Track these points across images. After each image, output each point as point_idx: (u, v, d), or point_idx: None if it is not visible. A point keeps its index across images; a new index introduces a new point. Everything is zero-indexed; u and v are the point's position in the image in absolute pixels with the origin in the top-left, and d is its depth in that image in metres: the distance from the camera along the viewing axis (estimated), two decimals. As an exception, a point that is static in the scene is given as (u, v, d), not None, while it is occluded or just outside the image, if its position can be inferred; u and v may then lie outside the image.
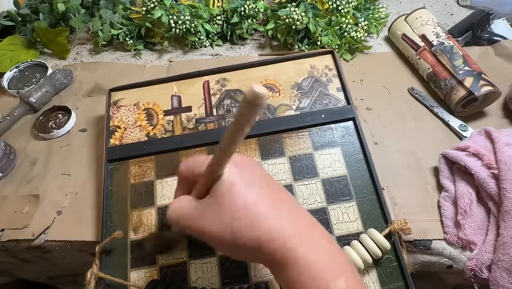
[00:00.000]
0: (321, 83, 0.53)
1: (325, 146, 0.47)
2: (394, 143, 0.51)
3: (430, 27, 0.58)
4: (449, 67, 0.53)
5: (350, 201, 0.44)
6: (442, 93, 0.54)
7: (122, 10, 0.69)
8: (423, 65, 0.57)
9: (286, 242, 0.27)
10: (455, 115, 0.53)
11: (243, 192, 0.28)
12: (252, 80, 0.54)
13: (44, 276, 0.61)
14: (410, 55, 0.60)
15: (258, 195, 0.28)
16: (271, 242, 0.27)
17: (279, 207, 0.29)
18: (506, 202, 0.39)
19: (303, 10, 0.61)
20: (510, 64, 0.59)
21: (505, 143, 0.44)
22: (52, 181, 0.52)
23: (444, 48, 0.55)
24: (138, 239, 0.43)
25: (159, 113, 0.52)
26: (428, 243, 0.43)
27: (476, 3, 0.70)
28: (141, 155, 0.49)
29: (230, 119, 0.51)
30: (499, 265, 0.39)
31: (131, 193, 0.46)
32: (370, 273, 0.40)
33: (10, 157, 0.53)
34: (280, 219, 0.28)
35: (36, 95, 0.60)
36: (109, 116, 0.52)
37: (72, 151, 0.55)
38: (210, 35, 0.68)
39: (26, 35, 0.70)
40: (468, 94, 0.50)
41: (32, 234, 0.46)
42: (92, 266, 0.41)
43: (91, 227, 0.46)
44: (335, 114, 0.49)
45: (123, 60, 0.68)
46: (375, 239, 0.39)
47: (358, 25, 0.63)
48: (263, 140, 0.49)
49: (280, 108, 0.51)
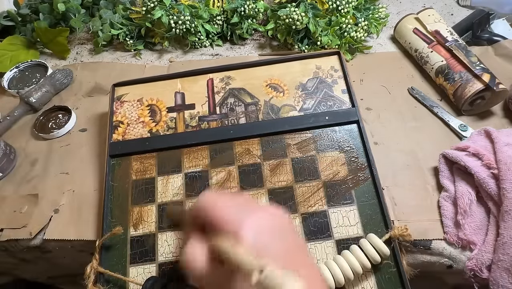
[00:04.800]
0: (326, 84, 0.52)
1: (328, 148, 0.47)
2: (394, 144, 0.51)
3: (443, 25, 0.59)
4: (466, 62, 0.53)
5: (351, 205, 0.43)
6: (454, 86, 0.53)
7: (122, 10, 0.69)
8: (434, 58, 0.56)
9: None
10: (456, 114, 0.54)
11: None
12: (256, 79, 0.54)
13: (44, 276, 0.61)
14: (419, 48, 0.59)
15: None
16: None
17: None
18: (506, 202, 0.39)
19: (303, 10, 0.61)
20: (510, 64, 0.59)
21: (505, 143, 0.44)
22: (51, 181, 0.52)
23: (459, 45, 0.55)
24: (139, 235, 0.43)
25: (162, 110, 0.52)
26: (428, 243, 0.43)
27: (476, 3, 0.70)
28: (143, 151, 0.49)
29: (233, 118, 0.51)
30: (499, 265, 0.39)
31: (132, 189, 0.46)
32: (368, 279, 0.40)
33: (10, 157, 0.53)
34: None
35: (36, 95, 0.60)
36: (112, 111, 0.52)
37: (72, 150, 0.55)
38: (210, 35, 0.68)
39: (26, 35, 0.70)
40: (486, 88, 0.50)
41: (30, 233, 0.46)
42: (92, 260, 0.41)
43: (90, 226, 0.46)
44: (339, 117, 0.49)
45: (123, 60, 0.68)
46: (374, 244, 0.39)
47: (358, 25, 0.63)
48: (265, 140, 0.49)
49: (283, 109, 0.51)
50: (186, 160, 0.48)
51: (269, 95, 0.52)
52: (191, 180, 0.47)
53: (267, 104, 0.52)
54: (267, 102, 0.52)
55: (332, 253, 0.41)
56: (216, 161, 0.48)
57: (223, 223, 0.26)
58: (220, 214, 0.27)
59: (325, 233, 0.42)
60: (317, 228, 0.42)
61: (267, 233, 0.26)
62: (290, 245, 0.27)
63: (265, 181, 0.46)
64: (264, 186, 0.46)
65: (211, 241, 0.27)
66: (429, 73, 0.58)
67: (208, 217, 0.27)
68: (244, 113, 0.51)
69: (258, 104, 0.52)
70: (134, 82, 0.55)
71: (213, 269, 0.26)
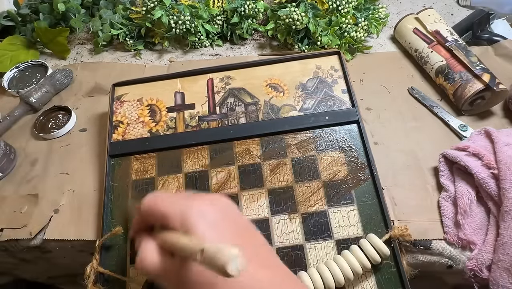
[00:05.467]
0: (326, 84, 0.52)
1: (328, 148, 0.47)
2: (394, 144, 0.51)
3: (443, 25, 0.59)
4: (466, 62, 0.53)
5: (351, 205, 0.43)
6: (454, 86, 0.53)
7: (122, 10, 0.69)
8: (434, 58, 0.56)
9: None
10: (456, 114, 0.54)
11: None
12: (256, 79, 0.54)
13: (44, 276, 0.61)
14: (419, 48, 0.59)
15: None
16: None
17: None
18: (506, 202, 0.39)
19: (303, 10, 0.61)
20: (510, 64, 0.59)
21: (505, 143, 0.44)
22: (51, 181, 0.52)
23: (459, 45, 0.55)
24: None
25: (162, 109, 0.52)
26: (428, 243, 0.43)
27: (476, 3, 0.70)
28: (143, 151, 0.49)
29: (233, 118, 0.51)
30: (499, 265, 0.39)
31: (132, 189, 0.46)
32: (368, 279, 0.40)
33: (10, 157, 0.53)
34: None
35: (36, 95, 0.60)
36: (112, 111, 0.52)
37: (72, 150, 0.55)
38: (210, 35, 0.68)
39: (26, 35, 0.70)
40: (486, 88, 0.50)
41: (30, 233, 0.46)
42: (92, 260, 0.41)
43: (90, 226, 0.46)
44: (339, 117, 0.49)
45: (123, 60, 0.68)
46: (374, 244, 0.39)
47: (358, 25, 0.63)
48: (265, 140, 0.49)
49: (283, 109, 0.51)
50: (186, 160, 0.48)
51: (269, 95, 0.52)
52: (191, 180, 0.47)
53: (267, 104, 0.52)
54: (267, 102, 0.52)
55: (332, 253, 0.41)
56: (216, 161, 0.48)
57: (168, 216, 0.28)
58: (164, 209, 0.28)
59: (325, 233, 0.42)
60: (317, 228, 0.42)
61: (210, 217, 0.27)
62: (236, 226, 0.28)
63: (265, 181, 0.46)
64: (264, 186, 0.46)
65: (159, 238, 0.28)
66: (429, 73, 0.58)
67: (154, 214, 0.29)
68: (244, 113, 0.51)
69: (258, 104, 0.52)
70: (134, 82, 0.55)
71: (167, 262, 0.27)
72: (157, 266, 0.28)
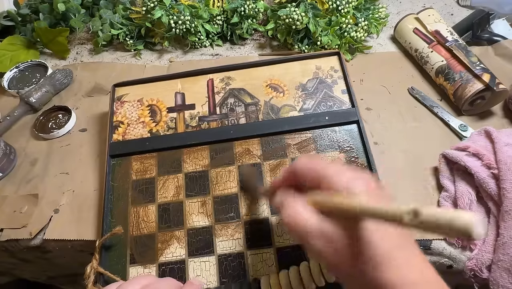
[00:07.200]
0: (326, 84, 0.52)
1: (328, 148, 0.47)
2: (394, 144, 0.51)
3: (443, 25, 0.59)
4: (466, 62, 0.53)
5: None
6: (455, 86, 0.53)
7: (122, 10, 0.69)
8: (435, 58, 0.56)
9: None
10: (456, 114, 0.54)
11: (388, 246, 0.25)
12: (256, 80, 0.54)
13: (44, 276, 0.61)
14: (420, 48, 0.59)
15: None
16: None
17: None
18: (506, 202, 0.39)
19: (303, 10, 0.61)
20: (510, 64, 0.59)
21: (505, 143, 0.44)
22: (51, 181, 0.52)
23: (459, 45, 0.55)
24: (138, 235, 0.43)
25: (163, 110, 0.52)
26: (428, 243, 0.43)
27: (476, 3, 0.70)
28: (143, 151, 0.49)
29: (233, 118, 0.51)
30: (499, 265, 0.39)
31: (132, 189, 0.46)
32: None
33: (10, 157, 0.53)
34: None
35: (36, 95, 0.60)
36: (112, 111, 0.52)
37: (72, 150, 0.55)
38: (210, 35, 0.68)
39: (26, 35, 0.70)
40: (486, 88, 0.50)
41: (30, 233, 0.46)
42: (92, 260, 0.41)
43: (90, 226, 0.47)
44: (339, 117, 0.49)
45: (123, 60, 0.68)
46: None
47: (358, 25, 0.63)
48: (265, 140, 0.49)
49: (283, 109, 0.51)
50: (186, 160, 0.48)
51: (269, 96, 0.52)
52: (191, 180, 0.47)
53: (267, 104, 0.52)
54: (267, 102, 0.52)
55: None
56: (216, 161, 0.48)
57: (331, 177, 0.27)
58: (332, 173, 0.27)
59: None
60: (317, 228, 0.42)
61: (370, 188, 0.26)
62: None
63: (265, 181, 0.46)
64: (264, 186, 0.46)
65: (316, 198, 0.27)
66: (429, 73, 0.58)
67: (317, 176, 0.28)
68: (244, 114, 0.51)
69: (258, 105, 0.52)
70: (135, 82, 0.55)
71: (324, 222, 0.26)
72: (312, 224, 0.26)
